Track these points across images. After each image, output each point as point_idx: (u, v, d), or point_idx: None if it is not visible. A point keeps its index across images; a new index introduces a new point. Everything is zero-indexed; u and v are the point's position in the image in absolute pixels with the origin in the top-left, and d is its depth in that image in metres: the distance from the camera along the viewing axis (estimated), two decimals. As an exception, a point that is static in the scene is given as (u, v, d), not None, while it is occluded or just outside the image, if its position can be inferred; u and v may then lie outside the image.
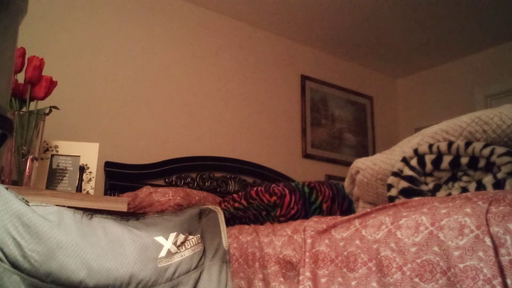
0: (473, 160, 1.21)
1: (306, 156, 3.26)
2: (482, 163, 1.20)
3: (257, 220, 1.92)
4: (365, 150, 3.66)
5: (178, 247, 1.30)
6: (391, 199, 1.33)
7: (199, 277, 1.31)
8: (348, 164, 3.42)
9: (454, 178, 1.28)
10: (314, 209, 1.85)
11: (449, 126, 1.31)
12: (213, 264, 1.36)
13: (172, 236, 1.31)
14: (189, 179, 2.63)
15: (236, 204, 1.93)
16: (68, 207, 1.25)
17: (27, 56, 1.74)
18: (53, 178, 1.69)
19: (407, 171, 1.33)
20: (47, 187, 1.67)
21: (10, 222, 1.07)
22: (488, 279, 0.84)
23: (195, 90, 2.83)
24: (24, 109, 1.68)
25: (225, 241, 1.42)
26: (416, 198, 1.16)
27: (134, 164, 2.45)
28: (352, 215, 1.27)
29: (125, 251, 1.20)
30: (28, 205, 1.14)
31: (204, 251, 1.36)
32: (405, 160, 1.35)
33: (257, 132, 3.05)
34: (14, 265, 1.06)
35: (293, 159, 3.20)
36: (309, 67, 3.45)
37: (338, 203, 1.91)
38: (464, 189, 1.20)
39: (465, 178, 1.25)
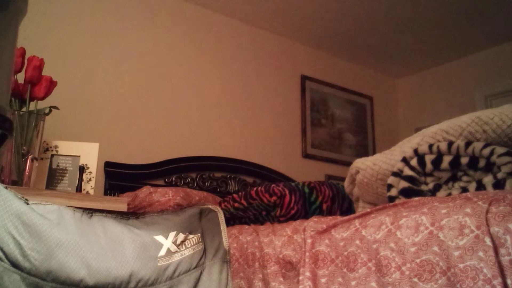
0: (473, 160, 1.21)
1: (306, 156, 3.26)
2: (482, 163, 1.20)
3: (257, 220, 1.92)
4: (365, 150, 3.66)
5: (178, 246, 1.30)
6: (391, 199, 1.33)
7: (200, 276, 1.31)
8: (348, 164, 3.42)
9: (454, 178, 1.28)
10: (314, 209, 1.85)
11: (449, 126, 1.31)
12: (214, 264, 1.36)
13: (172, 235, 1.31)
14: (189, 179, 2.63)
15: (236, 204, 1.93)
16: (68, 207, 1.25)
17: (27, 56, 1.74)
18: (53, 178, 1.69)
19: (407, 171, 1.33)
20: (47, 187, 1.67)
21: (10, 221, 1.07)
22: (488, 279, 0.84)
23: (195, 90, 2.83)
24: (24, 109, 1.68)
25: (225, 241, 1.42)
26: (416, 198, 1.16)
27: (134, 164, 2.45)
28: (352, 215, 1.27)
29: (125, 250, 1.20)
30: (28, 204, 1.14)
31: (204, 251, 1.36)
32: (405, 160, 1.35)
33: (257, 132, 3.05)
34: (14, 264, 1.06)
35: (293, 159, 3.20)
36: (309, 67, 3.46)
37: (338, 203, 1.91)
38: (464, 189, 1.20)
39: (465, 178, 1.25)
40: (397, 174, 1.35)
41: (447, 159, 1.26)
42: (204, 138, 2.79)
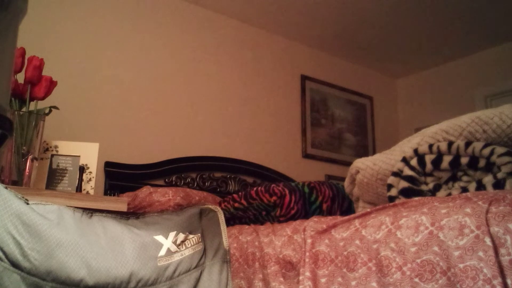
0: (473, 160, 1.21)
1: (306, 156, 3.26)
2: (482, 163, 1.20)
3: (257, 220, 1.92)
4: (365, 150, 3.66)
5: (178, 246, 1.30)
6: (391, 199, 1.33)
7: (200, 276, 1.31)
8: (348, 164, 3.42)
9: (454, 178, 1.28)
10: (314, 209, 1.85)
11: (449, 126, 1.31)
12: (214, 264, 1.36)
13: (172, 235, 1.31)
14: (189, 179, 2.63)
15: (236, 204, 1.93)
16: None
17: (27, 56, 1.74)
18: (53, 178, 1.69)
19: (407, 171, 1.33)
20: (47, 187, 1.67)
21: (10, 221, 1.07)
22: (488, 279, 0.84)
23: (195, 90, 2.83)
24: (24, 109, 1.68)
25: (225, 241, 1.42)
26: (416, 198, 1.16)
27: (134, 164, 2.45)
28: (352, 215, 1.27)
29: (125, 250, 1.20)
30: (28, 204, 1.14)
31: (204, 251, 1.36)
32: (405, 160, 1.35)
33: (257, 132, 3.05)
34: (14, 264, 1.06)
35: (293, 159, 3.20)
36: (309, 67, 3.46)
37: (338, 203, 1.91)
38: (464, 189, 1.20)
39: (465, 178, 1.25)
40: (397, 174, 1.35)
41: (447, 159, 1.26)
42: (204, 138, 2.79)
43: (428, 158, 1.30)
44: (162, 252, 1.27)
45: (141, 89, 2.61)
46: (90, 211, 1.26)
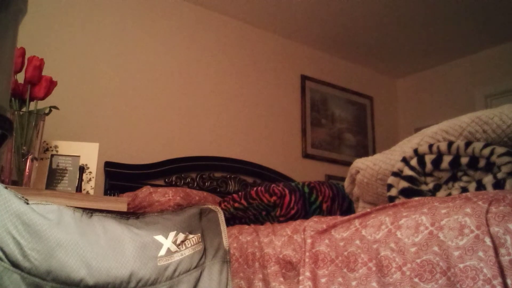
0: (473, 160, 1.21)
1: (306, 156, 3.26)
2: (482, 163, 1.20)
3: (257, 220, 1.92)
4: (365, 150, 3.66)
5: (178, 246, 1.30)
6: (391, 199, 1.33)
7: (200, 276, 1.31)
8: (348, 164, 3.42)
9: (454, 178, 1.28)
10: (314, 209, 1.85)
11: (449, 126, 1.31)
12: (214, 264, 1.36)
13: (172, 235, 1.31)
14: (189, 179, 2.63)
15: (236, 204, 1.93)
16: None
17: (27, 56, 1.74)
18: (53, 178, 1.69)
19: (407, 171, 1.33)
20: (47, 187, 1.67)
21: (10, 221, 1.07)
22: (488, 279, 0.84)
23: (195, 90, 2.83)
24: (24, 109, 1.68)
25: (225, 241, 1.42)
26: (416, 198, 1.16)
27: (134, 164, 2.45)
28: (352, 215, 1.27)
29: (125, 250, 1.20)
30: (28, 204, 1.14)
31: (204, 251, 1.36)
32: (405, 160, 1.35)
33: (257, 132, 3.05)
34: (14, 264, 1.06)
35: (293, 159, 3.20)
36: (309, 67, 3.46)
37: (338, 203, 1.91)
38: (464, 189, 1.20)
39: (465, 178, 1.25)
40: (397, 174, 1.35)
41: (447, 159, 1.26)
42: (204, 138, 2.79)
43: (428, 158, 1.30)
44: (162, 252, 1.27)
45: (141, 89, 2.61)
46: (90, 211, 1.26)
